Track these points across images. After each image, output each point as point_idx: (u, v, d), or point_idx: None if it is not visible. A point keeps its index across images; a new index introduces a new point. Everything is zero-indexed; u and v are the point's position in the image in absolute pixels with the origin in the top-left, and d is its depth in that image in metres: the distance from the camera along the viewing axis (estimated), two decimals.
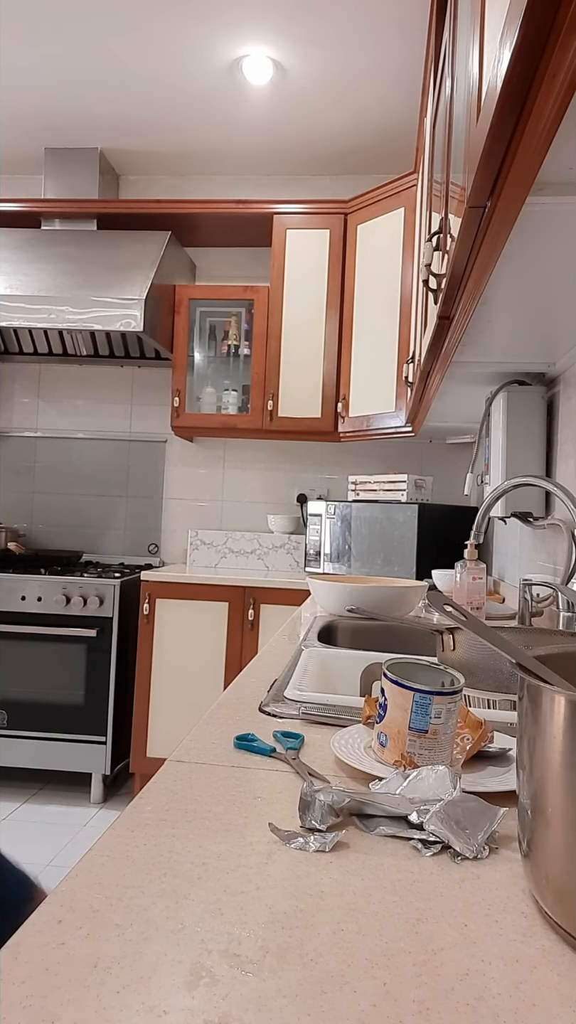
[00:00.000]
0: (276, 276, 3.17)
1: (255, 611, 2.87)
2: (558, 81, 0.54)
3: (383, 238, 2.97)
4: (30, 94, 2.97)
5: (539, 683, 0.49)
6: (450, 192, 1.13)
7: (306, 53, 2.63)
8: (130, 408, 3.60)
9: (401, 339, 2.88)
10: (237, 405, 3.27)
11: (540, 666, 0.51)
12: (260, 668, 1.18)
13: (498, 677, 0.94)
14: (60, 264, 3.11)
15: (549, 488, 1.37)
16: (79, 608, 2.85)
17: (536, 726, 0.48)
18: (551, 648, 0.58)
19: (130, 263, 3.09)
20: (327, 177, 3.51)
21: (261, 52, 2.64)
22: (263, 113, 3.03)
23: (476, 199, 0.77)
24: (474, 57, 0.82)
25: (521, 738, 0.51)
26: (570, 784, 0.44)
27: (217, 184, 3.57)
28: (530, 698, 0.50)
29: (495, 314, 1.29)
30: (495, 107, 0.61)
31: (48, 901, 0.47)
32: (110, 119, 3.12)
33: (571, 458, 1.66)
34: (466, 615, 0.59)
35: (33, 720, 2.85)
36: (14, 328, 3.06)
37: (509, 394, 1.84)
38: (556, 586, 1.39)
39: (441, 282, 1.14)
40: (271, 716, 0.89)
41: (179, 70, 2.76)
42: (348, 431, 3.09)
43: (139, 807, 0.61)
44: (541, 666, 0.51)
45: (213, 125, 3.14)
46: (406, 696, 0.69)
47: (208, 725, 0.85)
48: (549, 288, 1.15)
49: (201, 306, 3.35)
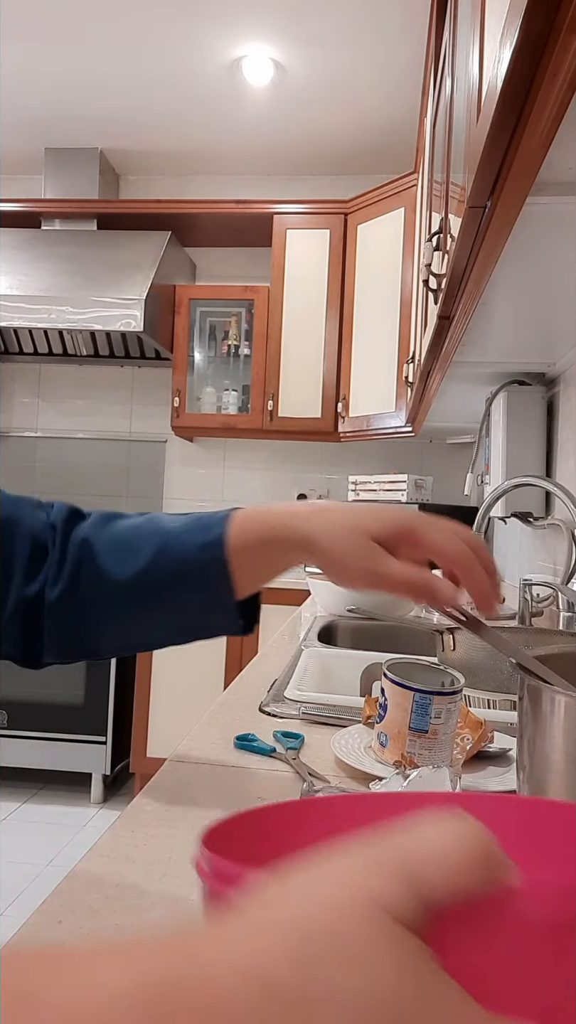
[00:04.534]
0: (276, 276, 3.17)
1: None
2: (558, 81, 0.54)
3: (383, 238, 2.97)
4: (30, 94, 2.97)
5: (539, 683, 0.49)
6: (450, 192, 1.13)
7: (306, 53, 2.63)
8: (130, 408, 3.60)
9: (401, 339, 2.88)
10: (237, 405, 3.27)
11: (540, 666, 0.51)
12: (260, 668, 1.18)
13: (498, 677, 0.94)
14: (60, 264, 3.11)
15: (549, 488, 1.38)
16: None
17: (536, 726, 0.48)
18: (551, 648, 0.58)
19: (130, 263, 3.09)
20: (327, 177, 3.51)
21: (261, 52, 2.63)
22: (263, 113, 3.02)
23: (476, 199, 0.77)
24: (474, 57, 0.82)
25: (521, 738, 0.51)
26: (570, 784, 0.44)
27: (217, 184, 3.57)
28: (530, 698, 0.50)
29: (495, 314, 1.29)
30: (495, 107, 0.61)
31: (48, 901, 0.47)
32: (110, 119, 3.12)
33: (571, 458, 1.66)
34: (466, 615, 0.59)
35: (33, 720, 2.85)
36: (14, 328, 3.06)
37: (509, 394, 1.84)
38: (556, 586, 1.39)
39: (441, 282, 1.14)
40: (271, 716, 0.89)
41: (179, 70, 2.76)
42: (348, 431, 3.09)
43: (139, 807, 0.61)
44: (541, 666, 0.51)
45: (213, 125, 3.14)
46: (406, 696, 0.69)
47: (208, 725, 0.85)
48: (549, 288, 1.15)
49: (201, 306, 3.35)
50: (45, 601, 0.59)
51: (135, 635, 0.62)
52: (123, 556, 0.59)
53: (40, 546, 0.60)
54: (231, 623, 0.62)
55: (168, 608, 0.60)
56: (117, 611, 0.59)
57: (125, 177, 3.63)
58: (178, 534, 0.60)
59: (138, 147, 3.35)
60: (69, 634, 0.60)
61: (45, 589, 0.60)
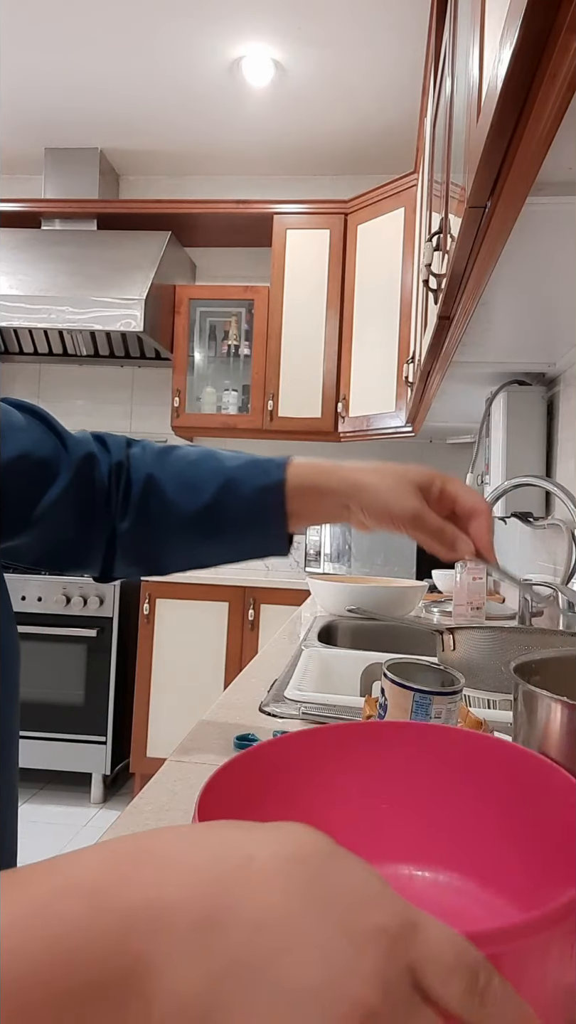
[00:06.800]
0: (276, 276, 3.17)
1: (255, 611, 2.87)
2: (558, 81, 0.54)
3: (383, 238, 2.97)
4: (30, 94, 2.97)
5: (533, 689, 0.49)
6: (450, 192, 1.13)
7: (306, 53, 2.63)
8: (130, 408, 3.60)
9: (401, 339, 2.88)
10: (237, 405, 3.27)
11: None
12: (260, 668, 1.18)
13: (498, 677, 0.94)
14: (60, 264, 3.11)
15: (549, 488, 1.38)
16: (79, 608, 2.85)
17: (531, 728, 0.48)
18: (548, 652, 0.58)
19: (130, 263, 3.09)
20: (327, 177, 3.51)
21: (261, 52, 2.63)
22: (263, 113, 3.02)
23: (476, 199, 0.77)
24: (474, 57, 0.82)
25: (515, 739, 0.51)
26: None
27: (217, 184, 3.56)
28: (524, 702, 0.50)
29: (495, 314, 1.29)
30: (495, 107, 0.61)
31: None
32: (110, 119, 3.12)
33: (571, 458, 1.66)
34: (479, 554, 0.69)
35: (33, 720, 2.85)
36: (14, 328, 3.06)
37: (509, 394, 1.84)
38: (556, 586, 1.39)
39: (441, 282, 1.14)
40: (271, 716, 0.89)
41: (179, 70, 2.76)
42: (348, 431, 3.09)
43: (139, 807, 0.61)
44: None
45: (213, 125, 3.14)
46: (406, 696, 0.69)
47: (208, 725, 0.85)
48: (549, 288, 1.15)
49: (201, 306, 3.35)
50: (117, 532, 0.68)
51: (197, 558, 0.71)
52: (188, 492, 0.67)
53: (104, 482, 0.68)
54: (281, 549, 0.71)
55: (228, 539, 0.69)
56: (182, 540, 0.68)
57: (125, 177, 3.63)
58: (239, 475, 0.68)
59: (138, 147, 3.35)
60: (138, 557, 0.69)
61: (115, 521, 0.68)
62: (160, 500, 0.67)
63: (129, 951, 0.22)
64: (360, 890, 0.24)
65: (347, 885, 0.24)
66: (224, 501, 0.66)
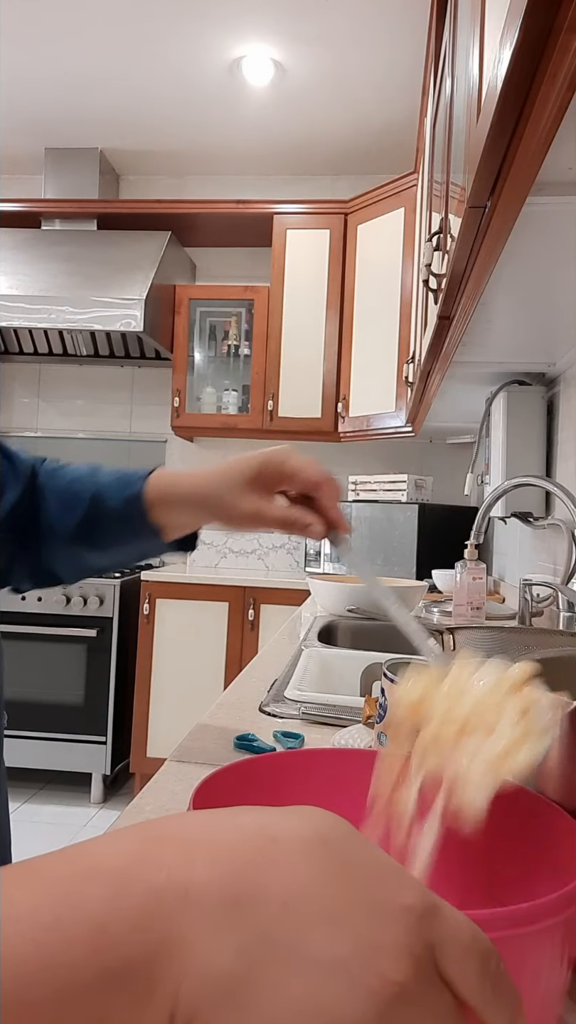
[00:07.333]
0: (276, 276, 3.17)
1: (255, 611, 2.87)
2: (558, 81, 0.54)
3: (383, 238, 2.97)
4: (30, 94, 2.97)
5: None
6: (450, 192, 1.13)
7: (306, 53, 2.63)
8: (130, 408, 3.60)
9: (401, 339, 2.88)
10: (237, 405, 3.27)
11: (391, 597, 0.51)
12: (260, 668, 1.18)
13: None
14: (60, 264, 3.11)
15: (549, 488, 1.38)
16: (79, 608, 2.85)
17: None
18: (548, 652, 0.58)
19: (130, 263, 3.09)
20: (327, 177, 3.51)
21: (261, 52, 2.63)
22: (263, 113, 3.02)
23: (476, 199, 0.77)
24: (474, 57, 0.82)
25: None
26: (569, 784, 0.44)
27: (217, 184, 3.56)
28: None
29: (495, 314, 1.29)
30: (495, 107, 0.61)
31: None
32: (110, 119, 3.12)
33: (571, 458, 1.66)
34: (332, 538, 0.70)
35: (33, 720, 2.85)
36: (14, 328, 3.06)
37: (509, 394, 1.84)
38: (556, 586, 1.39)
39: (441, 282, 1.14)
40: (271, 716, 0.89)
41: (179, 70, 2.76)
42: (348, 431, 3.09)
43: (139, 807, 0.61)
44: (394, 600, 0.51)
45: (213, 125, 3.14)
46: None
47: (208, 725, 0.85)
48: (549, 288, 1.15)
49: (201, 306, 3.35)
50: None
51: (90, 566, 0.76)
52: (66, 509, 0.71)
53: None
54: (167, 549, 0.74)
55: (110, 548, 0.73)
56: (69, 552, 0.73)
57: (125, 177, 3.63)
58: (108, 488, 0.71)
59: (138, 147, 3.34)
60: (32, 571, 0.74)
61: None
62: (45, 517, 0.72)
63: (159, 927, 0.22)
64: (383, 869, 0.25)
65: (370, 864, 0.25)
66: (96, 514, 0.70)
